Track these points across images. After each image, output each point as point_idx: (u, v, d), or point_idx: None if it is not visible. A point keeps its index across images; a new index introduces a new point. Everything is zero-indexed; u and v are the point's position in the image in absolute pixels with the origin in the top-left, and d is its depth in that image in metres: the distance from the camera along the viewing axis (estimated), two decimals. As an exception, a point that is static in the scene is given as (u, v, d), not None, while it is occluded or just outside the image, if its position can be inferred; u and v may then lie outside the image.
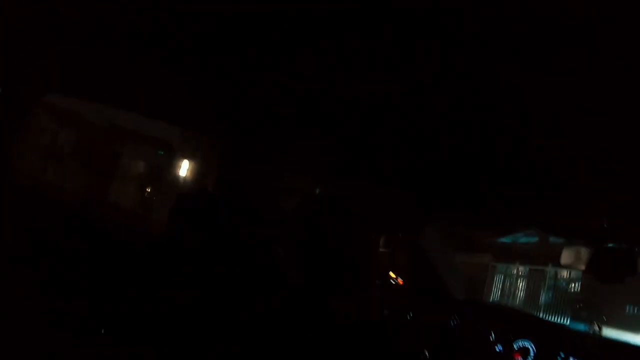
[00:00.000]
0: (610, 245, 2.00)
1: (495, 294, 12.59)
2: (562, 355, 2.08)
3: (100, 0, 1.48)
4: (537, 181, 1.87)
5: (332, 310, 1.44)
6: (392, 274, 2.85)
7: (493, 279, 13.26)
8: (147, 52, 1.72)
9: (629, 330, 7.44)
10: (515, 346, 2.17)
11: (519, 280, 12.75)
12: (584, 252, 2.16)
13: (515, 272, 12.84)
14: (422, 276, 2.86)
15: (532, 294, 12.25)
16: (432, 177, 2.20)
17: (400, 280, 2.80)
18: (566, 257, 2.28)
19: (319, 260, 1.51)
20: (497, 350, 2.18)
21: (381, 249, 2.81)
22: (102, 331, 1.38)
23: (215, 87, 1.84)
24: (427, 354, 1.63)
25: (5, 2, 1.67)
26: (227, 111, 2.06)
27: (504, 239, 12.28)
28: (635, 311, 8.26)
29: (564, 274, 10.52)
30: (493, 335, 2.21)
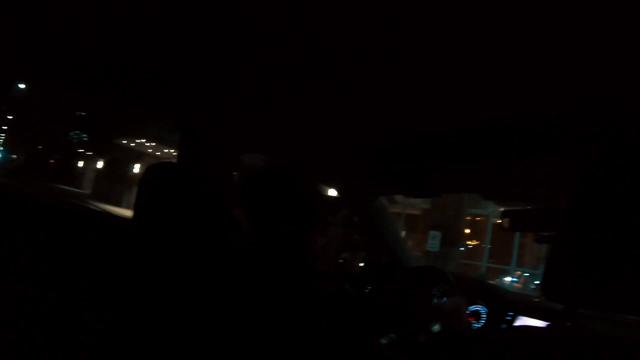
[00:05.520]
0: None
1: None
2: (511, 314, 2.18)
3: None
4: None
5: (288, 288, 1.40)
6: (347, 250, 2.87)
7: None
8: None
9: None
10: (468, 311, 2.24)
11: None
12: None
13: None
14: (377, 249, 2.89)
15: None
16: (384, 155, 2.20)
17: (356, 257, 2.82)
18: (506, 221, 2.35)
19: (271, 236, 1.46)
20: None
21: (335, 226, 2.80)
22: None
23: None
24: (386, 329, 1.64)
25: None
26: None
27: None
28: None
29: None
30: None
